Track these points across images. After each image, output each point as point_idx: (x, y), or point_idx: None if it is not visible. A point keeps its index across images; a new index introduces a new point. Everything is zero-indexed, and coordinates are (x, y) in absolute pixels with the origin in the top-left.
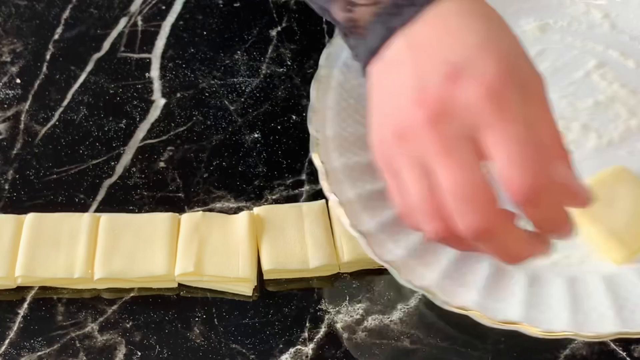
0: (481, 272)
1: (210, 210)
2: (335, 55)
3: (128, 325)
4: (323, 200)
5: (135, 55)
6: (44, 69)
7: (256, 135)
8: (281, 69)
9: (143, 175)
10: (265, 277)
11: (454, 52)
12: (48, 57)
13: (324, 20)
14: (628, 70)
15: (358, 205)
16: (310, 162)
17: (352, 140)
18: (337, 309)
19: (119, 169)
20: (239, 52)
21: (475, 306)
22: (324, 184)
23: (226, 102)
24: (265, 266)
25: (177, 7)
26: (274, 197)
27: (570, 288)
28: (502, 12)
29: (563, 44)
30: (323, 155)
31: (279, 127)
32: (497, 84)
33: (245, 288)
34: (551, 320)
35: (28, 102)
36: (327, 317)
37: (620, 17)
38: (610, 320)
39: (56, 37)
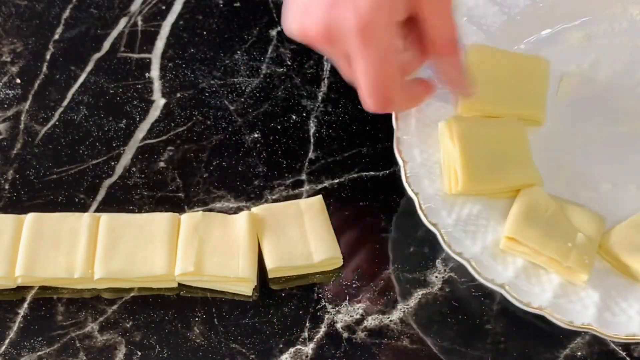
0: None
1: (210, 210)
2: None
3: (128, 325)
4: (320, 196)
5: (135, 55)
6: (44, 69)
7: (256, 135)
8: (281, 69)
9: (143, 175)
10: (270, 276)
11: None
12: (48, 57)
13: None
14: None
15: (521, 281)
16: (310, 162)
17: (475, 221)
18: (337, 309)
19: (119, 169)
20: (239, 52)
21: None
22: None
23: (226, 102)
24: (269, 265)
25: (177, 7)
26: (274, 197)
27: None
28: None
29: (613, 48)
30: (457, 245)
31: (279, 127)
32: (368, 16)
33: (245, 288)
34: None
35: (28, 102)
36: (327, 317)
37: None
38: None
39: (56, 37)
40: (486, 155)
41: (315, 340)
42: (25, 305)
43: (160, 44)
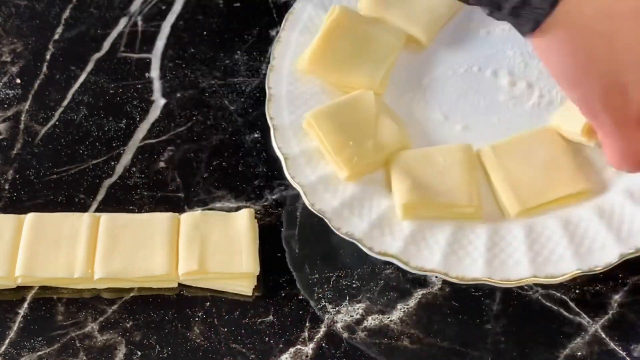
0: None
1: (210, 210)
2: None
3: (128, 325)
4: None
5: (135, 55)
6: (44, 69)
7: (256, 135)
8: None
9: (143, 175)
10: (404, 212)
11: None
12: (48, 57)
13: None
14: None
15: (301, 159)
16: None
17: (304, 98)
18: (337, 309)
19: (119, 169)
20: (239, 52)
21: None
22: (273, 141)
23: (226, 102)
24: (403, 199)
25: (177, 7)
26: (274, 197)
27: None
28: None
29: None
30: (275, 112)
31: None
32: None
33: (246, 288)
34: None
35: (28, 102)
36: (327, 317)
37: None
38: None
39: (56, 37)
40: (345, 47)
41: (315, 340)
42: (25, 305)
43: (160, 44)
